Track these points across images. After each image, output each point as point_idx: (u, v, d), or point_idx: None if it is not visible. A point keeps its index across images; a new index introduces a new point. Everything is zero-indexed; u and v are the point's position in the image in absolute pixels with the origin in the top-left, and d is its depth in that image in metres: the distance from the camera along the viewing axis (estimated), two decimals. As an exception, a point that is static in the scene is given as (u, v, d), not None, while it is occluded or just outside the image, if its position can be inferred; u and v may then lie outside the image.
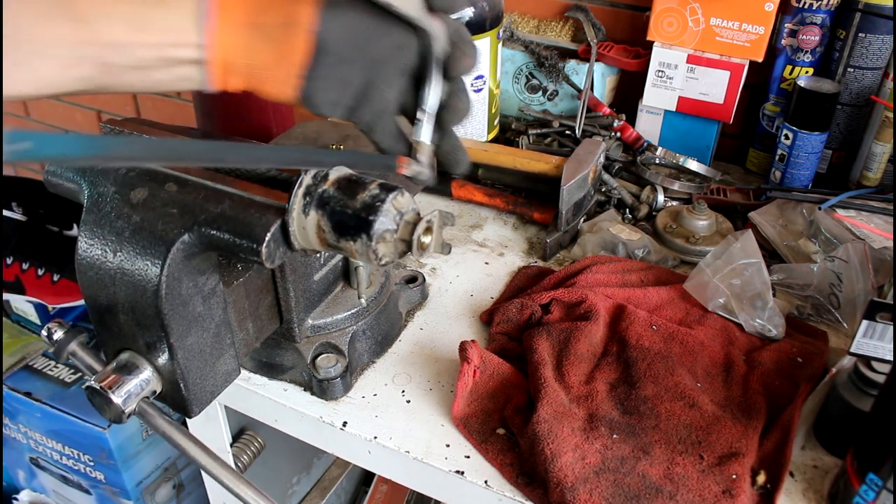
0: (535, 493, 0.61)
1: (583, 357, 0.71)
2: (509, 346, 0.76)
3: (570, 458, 0.60)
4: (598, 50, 1.12)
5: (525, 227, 0.99)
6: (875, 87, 1.00)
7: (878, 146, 0.99)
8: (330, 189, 0.53)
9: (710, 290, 0.78)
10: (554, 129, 1.11)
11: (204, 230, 0.54)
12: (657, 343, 0.73)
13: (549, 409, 0.64)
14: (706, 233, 0.92)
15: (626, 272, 0.84)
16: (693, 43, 1.03)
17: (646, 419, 0.65)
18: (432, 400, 0.71)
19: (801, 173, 1.01)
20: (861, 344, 0.61)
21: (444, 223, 0.55)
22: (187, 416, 0.60)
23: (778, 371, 0.71)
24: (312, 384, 0.71)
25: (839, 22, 0.99)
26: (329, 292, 0.74)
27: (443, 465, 0.64)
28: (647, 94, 1.09)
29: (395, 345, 0.78)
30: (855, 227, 0.88)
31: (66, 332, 0.61)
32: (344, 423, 0.69)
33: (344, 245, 0.53)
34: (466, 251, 0.94)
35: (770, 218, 0.91)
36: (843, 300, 0.78)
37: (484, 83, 1.03)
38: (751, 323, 0.76)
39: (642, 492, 0.59)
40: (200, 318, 0.58)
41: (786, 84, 1.06)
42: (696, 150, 1.10)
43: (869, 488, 0.54)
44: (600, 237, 0.90)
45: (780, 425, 0.65)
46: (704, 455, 0.62)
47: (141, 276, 0.54)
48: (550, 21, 1.20)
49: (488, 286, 0.87)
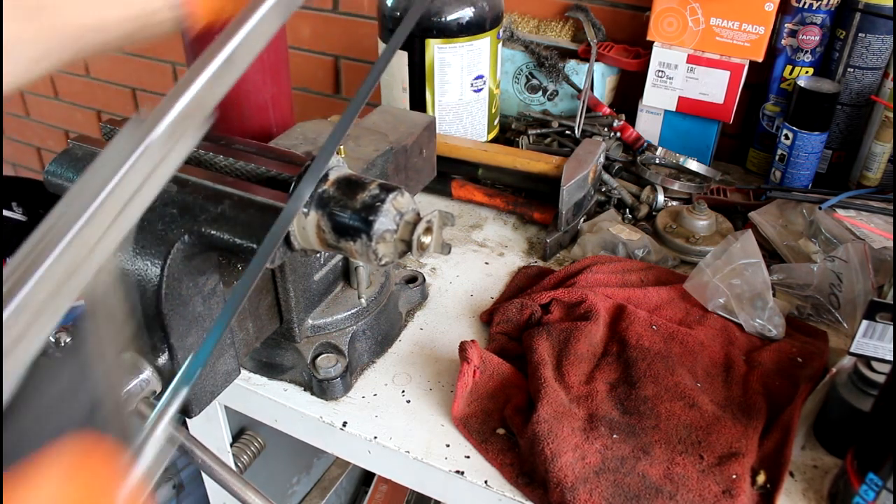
0: (535, 493, 0.61)
1: (583, 357, 0.71)
2: (509, 346, 0.76)
3: (570, 458, 0.60)
4: (598, 50, 1.12)
5: (525, 227, 0.99)
6: (875, 87, 1.00)
7: (878, 146, 0.99)
8: (330, 189, 0.53)
9: (710, 290, 0.78)
10: (554, 129, 1.11)
11: (204, 230, 0.54)
12: (657, 343, 0.73)
13: (549, 409, 0.64)
14: (706, 233, 0.92)
15: (626, 272, 0.84)
16: (693, 43, 1.03)
17: (646, 419, 0.65)
18: (432, 400, 0.71)
19: (801, 173, 1.01)
20: (861, 344, 0.61)
21: (444, 223, 0.55)
22: (187, 416, 0.60)
23: (778, 371, 0.71)
24: (312, 384, 0.71)
25: (839, 22, 0.99)
26: (329, 292, 0.74)
27: (443, 465, 0.64)
28: (647, 94, 1.09)
29: (395, 345, 0.78)
30: (855, 227, 0.88)
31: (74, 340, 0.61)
32: (344, 423, 0.69)
33: (344, 245, 0.53)
34: (466, 251, 0.94)
35: (770, 218, 0.91)
36: (843, 300, 0.78)
37: (484, 83, 1.03)
38: (751, 323, 0.76)
39: (642, 492, 0.59)
40: (200, 318, 0.58)
41: (786, 84, 1.06)
42: (696, 150, 1.10)
43: (869, 488, 0.54)
44: (600, 237, 0.90)
45: (780, 425, 0.65)
46: (704, 455, 0.62)
47: (141, 276, 0.54)
48: (550, 21, 1.20)
49: (488, 286, 0.87)
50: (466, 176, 1.03)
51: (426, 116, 0.85)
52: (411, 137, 0.79)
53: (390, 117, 0.84)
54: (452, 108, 1.03)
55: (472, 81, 1.02)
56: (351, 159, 0.71)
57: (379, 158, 0.73)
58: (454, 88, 1.01)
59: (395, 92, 1.05)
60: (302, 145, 0.77)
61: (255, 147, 0.63)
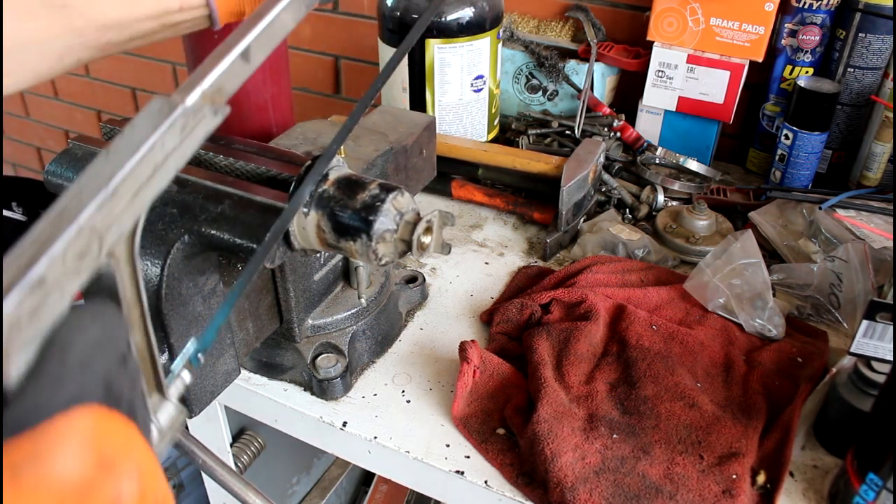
0: (535, 493, 0.61)
1: (583, 357, 0.71)
2: (509, 346, 0.76)
3: (570, 457, 0.60)
4: (598, 50, 1.12)
5: (525, 227, 0.99)
6: (875, 87, 1.00)
7: (878, 146, 0.99)
8: (330, 189, 0.53)
9: (710, 290, 0.78)
10: (554, 129, 1.11)
11: (204, 230, 0.54)
12: (657, 343, 0.73)
13: (549, 408, 0.64)
14: (706, 233, 0.92)
15: (626, 272, 0.84)
16: (693, 43, 1.03)
17: (646, 419, 0.65)
18: (432, 400, 0.71)
19: (801, 173, 1.01)
20: (861, 344, 0.61)
21: (444, 223, 0.55)
22: (187, 416, 0.60)
23: (778, 371, 0.71)
24: (312, 384, 0.71)
25: (839, 22, 0.99)
26: (329, 292, 0.74)
27: (443, 465, 0.64)
28: (647, 94, 1.09)
29: (395, 345, 0.78)
30: (855, 227, 0.88)
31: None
32: (344, 423, 0.69)
33: (344, 245, 0.53)
34: (466, 251, 0.94)
35: (770, 218, 0.91)
36: (843, 300, 0.78)
37: (484, 83, 1.03)
38: (751, 323, 0.76)
39: (642, 492, 0.59)
40: (200, 318, 0.58)
41: (786, 84, 1.06)
42: (696, 150, 1.10)
43: (869, 488, 0.54)
44: (600, 237, 0.90)
45: (780, 425, 0.65)
46: (704, 455, 0.62)
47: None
48: (550, 21, 1.20)
49: (488, 286, 0.87)
50: (466, 176, 1.03)
51: (426, 116, 0.85)
52: (411, 137, 0.79)
53: (390, 117, 0.84)
54: (452, 108, 1.03)
55: (472, 81, 1.02)
56: (351, 159, 0.71)
57: (379, 158, 0.73)
58: (454, 88, 1.01)
59: (395, 92, 1.05)
60: (302, 145, 0.77)
61: (255, 147, 0.63)
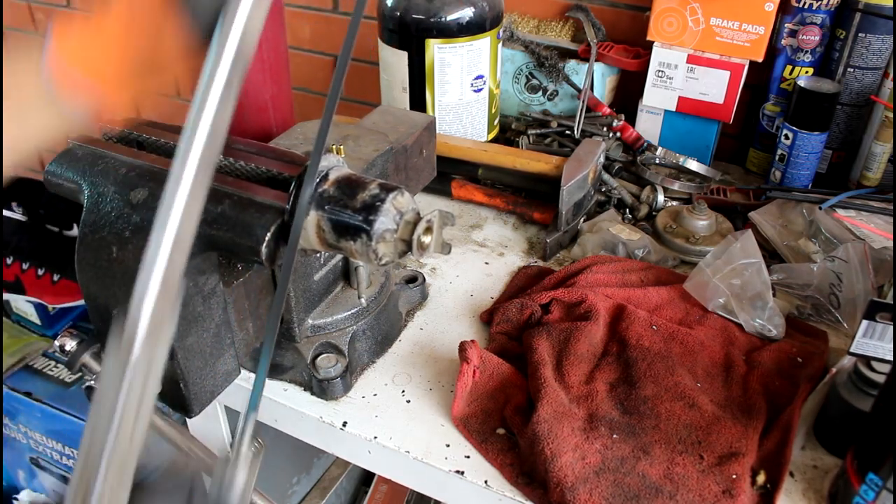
0: (535, 493, 0.61)
1: (583, 357, 0.71)
2: (509, 346, 0.76)
3: (570, 457, 0.60)
4: (598, 50, 1.12)
5: (525, 227, 0.99)
6: (875, 87, 1.00)
7: (878, 146, 0.99)
8: (330, 189, 0.53)
9: (710, 290, 0.78)
10: (554, 129, 1.11)
11: (204, 230, 0.54)
12: (657, 343, 0.73)
13: (549, 408, 0.64)
14: (706, 233, 0.92)
15: (626, 272, 0.84)
16: (693, 43, 1.03)
17: (646, 419, 0.65)
18: (432, 400, 0.71)
19: (801, 173, 1.01)
20: (861, 344, 0.61)
21: (444, 223, 0.55)
22: (187, 416, 0.60)
23: (778, 371, 0.71)
24: (312, 384, 0.71)
25: (839, 22, 0.99)
26: (329, 292, 0.74)
27: (443, 465, 0.64)
28: (647, 94, 1.09)
29: (395, 345, 0.78)
30: (855, 227, 0.88)
31: (78, 344, 0.61)
32: (344, 423, 0.69)
33: (344, 245, 0.53)
34: (466, 251, 0.94)
35: (770, 218, 0.91)
36: (843, 300, 0.78)
37: (484, 83, 1.03)
38: (751, 323, 0.76)
39: (642, 492, 0.59)
40: (200, 318, 0.58)
41: (786, 84, 1.06)
42: (696, 150, 1.10)
43: (869, 488, 0.54)
44: (600, 237, 0.90)
45: (780, 425, 0.65)
46: (704, 455, 0.62)
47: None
48: (550, 21, 1.20)
49: (488, 286, 0.87)
50: (466, 176, 1.03)
51: (426, 116, 0.85)
52: (411, 137, 0.79)
53: (390, 117, 0.84)
54: (452, 109, 1.03)
55: (472, 81, 1.02)
56: (351, 159, 0.71)
57: (379, 158, 0.73)
58: (454, 88, 1.01)
59: (395, 92, 1.05)
60: (302, 145, 0.77)
61: (255, 147, 0.63)
